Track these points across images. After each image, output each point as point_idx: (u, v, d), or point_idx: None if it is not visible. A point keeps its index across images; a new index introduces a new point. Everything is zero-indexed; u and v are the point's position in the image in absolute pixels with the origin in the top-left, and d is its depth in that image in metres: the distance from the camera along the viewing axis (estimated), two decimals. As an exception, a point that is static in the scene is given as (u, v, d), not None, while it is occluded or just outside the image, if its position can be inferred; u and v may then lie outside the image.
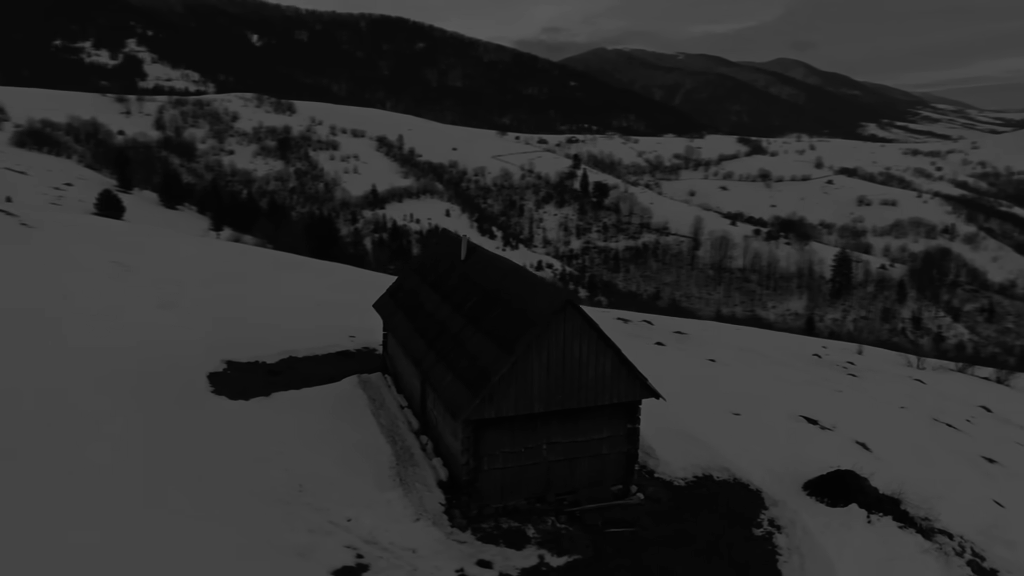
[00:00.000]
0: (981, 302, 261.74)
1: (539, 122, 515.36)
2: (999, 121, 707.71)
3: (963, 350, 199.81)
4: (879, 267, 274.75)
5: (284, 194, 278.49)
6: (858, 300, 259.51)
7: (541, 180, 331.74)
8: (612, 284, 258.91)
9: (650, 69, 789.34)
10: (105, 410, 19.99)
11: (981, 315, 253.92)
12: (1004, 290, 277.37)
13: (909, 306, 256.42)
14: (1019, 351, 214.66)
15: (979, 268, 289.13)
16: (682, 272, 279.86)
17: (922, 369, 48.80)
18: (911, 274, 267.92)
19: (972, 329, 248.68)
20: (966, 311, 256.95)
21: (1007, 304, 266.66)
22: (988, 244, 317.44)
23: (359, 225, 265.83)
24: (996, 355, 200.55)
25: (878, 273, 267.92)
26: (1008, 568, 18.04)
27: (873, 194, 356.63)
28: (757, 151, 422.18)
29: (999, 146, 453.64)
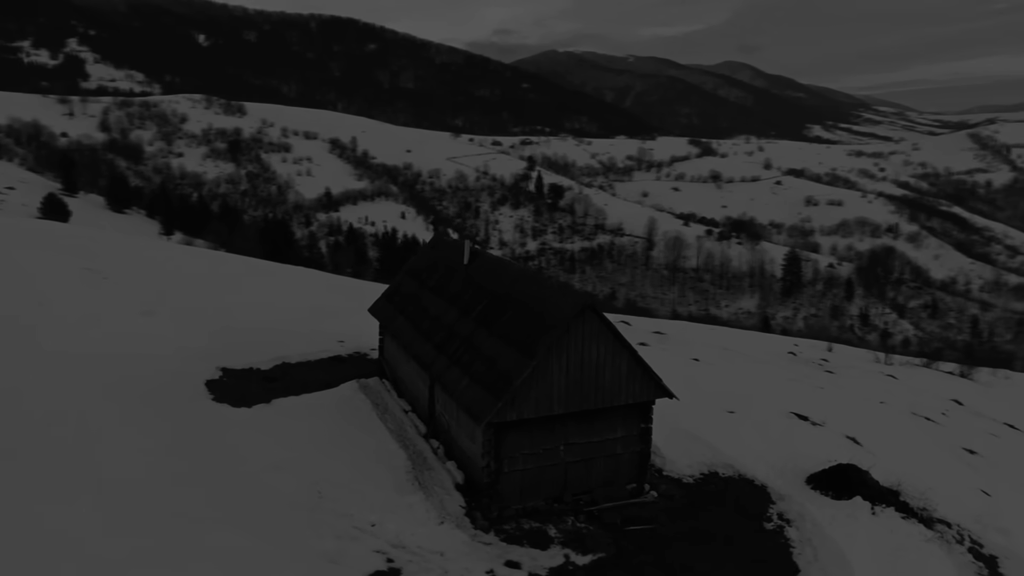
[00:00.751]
0: (925, 299, 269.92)
1: (492, 124, 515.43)
2: (937, 123, 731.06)
3: (908, 345, 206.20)
4: (827, 266, 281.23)
5: (236, 197, 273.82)
6: (808, 298, 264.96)
7: (496, 182, 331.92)
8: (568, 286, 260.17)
9: (601, 71, 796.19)
10: (113, 420, 19.62)
11: (925, 311, 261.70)
12: (946, 287, 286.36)
13: (857, 303, 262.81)
14: (961, 346, 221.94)
15: (922, 266, 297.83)
16: (637, 272, 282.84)
17: (890, 364, 50.44)
18: (858, 272, 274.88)
19: (917, 325, 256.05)
20: (910, 307, 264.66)
21: (949, 300, 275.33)
22: (930, 242, 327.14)
23: (313, 228, 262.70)
24: (940, 350, 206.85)
25: (826, 272, 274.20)
26: (1005, 555, 18.87)
27: (820, 194, 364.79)
28: (707, 152, 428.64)
29: (938, 147, 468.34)
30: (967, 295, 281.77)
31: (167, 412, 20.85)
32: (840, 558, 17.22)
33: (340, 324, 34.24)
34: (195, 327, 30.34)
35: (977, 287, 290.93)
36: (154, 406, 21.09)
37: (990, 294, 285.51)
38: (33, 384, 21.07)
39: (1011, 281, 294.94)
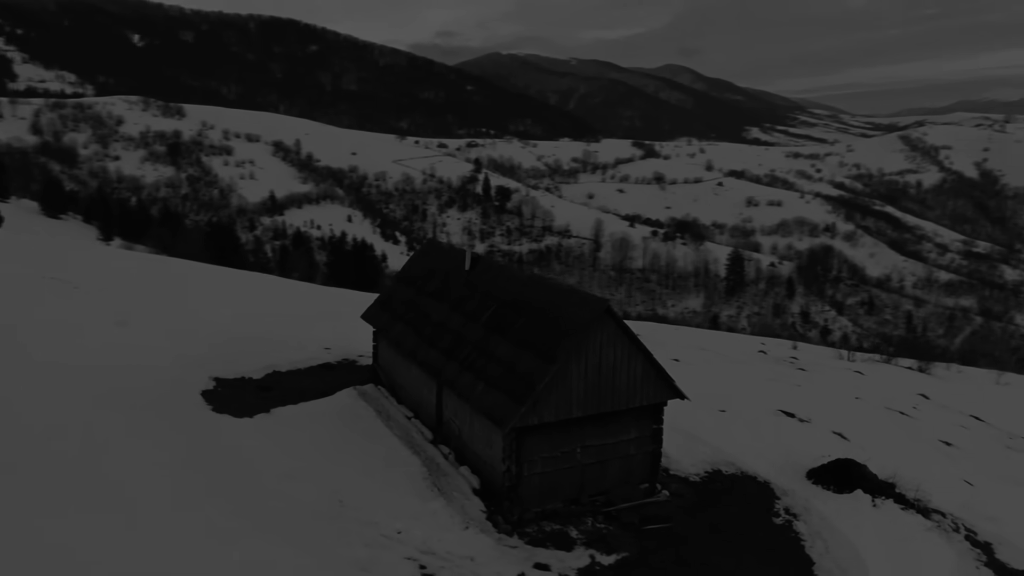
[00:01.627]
0: (861, 296, 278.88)
1: (437, 126, 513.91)
2: (869, 125, 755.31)
3: (847, 341, 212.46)
4: (769, 265, 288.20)
5: (177, 201, 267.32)
6: (751, 297, 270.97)
7: (443, 184, 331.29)
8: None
9: (544, 74, 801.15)
10: (120, 434, 19.17)
11: (862, 308, 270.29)
12: (881, 284, 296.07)
13: (798, 301, 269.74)
14: (897, 341, 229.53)
15: (858, 264, 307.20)
16: (584, 273, 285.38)
17: (852, 361, 52.17)
18: (798, 271, 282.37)
19: (855, 321, 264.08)
20: (848, 304, 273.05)
21: (884, 297, 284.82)
22: (865, 241, 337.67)
23: (258, 232, 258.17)
24: (878, 345, 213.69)
25: (768, 271, 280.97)
26: (998, 541, 19.83)
27: (760, 195, 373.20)
28: (651, 155, 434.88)
29: (871, 149, 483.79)
30: (901, 292, 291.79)
31: (173, 424, 20.48)
32: (851, 549, 17.90)
33: (323, 331, 33.99)
34: (178, 336, 29.76)
35: (910, 284, 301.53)
36: (159, 418, 20.68)
37: (922, 290, 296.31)
38: (29, 396, 20.44)
39: (942, 278, 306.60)
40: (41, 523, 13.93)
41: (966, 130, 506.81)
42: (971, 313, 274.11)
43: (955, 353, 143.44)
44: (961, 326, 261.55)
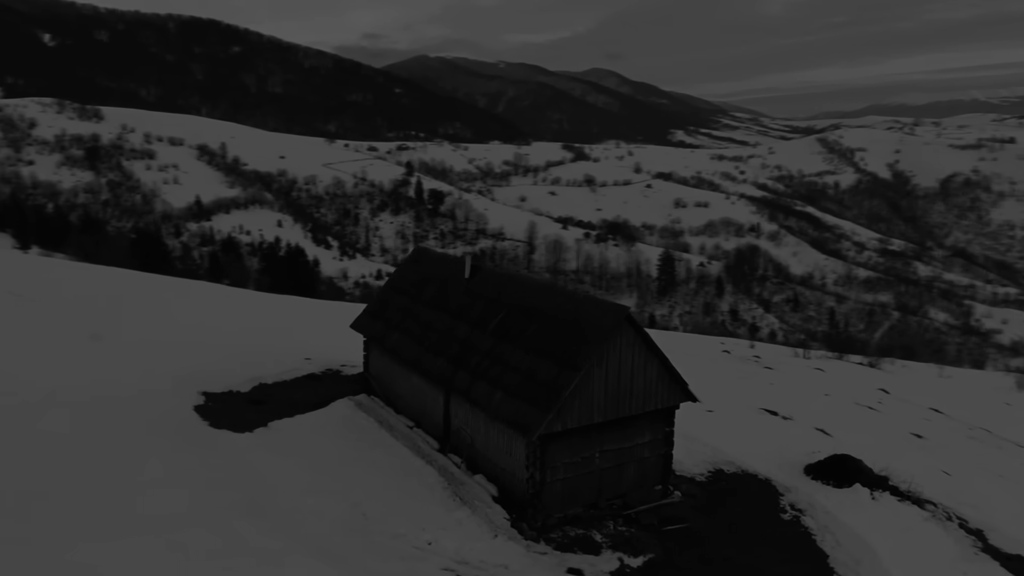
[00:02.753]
0: (787, 293, 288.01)
1: (366, 129, 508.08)
2: (788, 128, 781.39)
3: (775, 338, 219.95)
4: (698, 264, 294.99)
5: (97, 207, 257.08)
6: (682, 296, 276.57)
7: (375, 188, 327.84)
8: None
9: (473, 77, 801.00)
10: (126, 455, 18.54)
11: (787, 305, 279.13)
12: (804, 282, 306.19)
13: (727, 299, 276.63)
14: (821, 336, 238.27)
15: (782, 263, 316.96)
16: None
17: (808, 359, 54.04)
18: (726, 270, 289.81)
19: (781, 318, 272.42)
20: (775, 302, 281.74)
21: (808, 294, 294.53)
22: (788, 240, 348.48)
23: (184, 239, 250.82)
24: (803, 341, 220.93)
25: (698, 270, 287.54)
26: (987, 528, 20.96)
27: (688, 197, 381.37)
28: (581, 157, 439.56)
29: (791, 151, 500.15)
30: (823, 289, 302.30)
31: (178, 443, 19.93)
32: (860, 541, 18.67)
33: (300, 340, 33.44)
34: (154, 349, 28.90)
35: (832, 281, 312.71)
36: (162, 437, 20.09)
37: (843, 287, 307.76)
38: (23, 420, 19.59)
39: (860, 275, 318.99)
40: (83, 549, 13.43)
41: (878, 133, 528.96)
42: (889, 308, 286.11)
43: (875, 347, 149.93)
44: (880, 321, 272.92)
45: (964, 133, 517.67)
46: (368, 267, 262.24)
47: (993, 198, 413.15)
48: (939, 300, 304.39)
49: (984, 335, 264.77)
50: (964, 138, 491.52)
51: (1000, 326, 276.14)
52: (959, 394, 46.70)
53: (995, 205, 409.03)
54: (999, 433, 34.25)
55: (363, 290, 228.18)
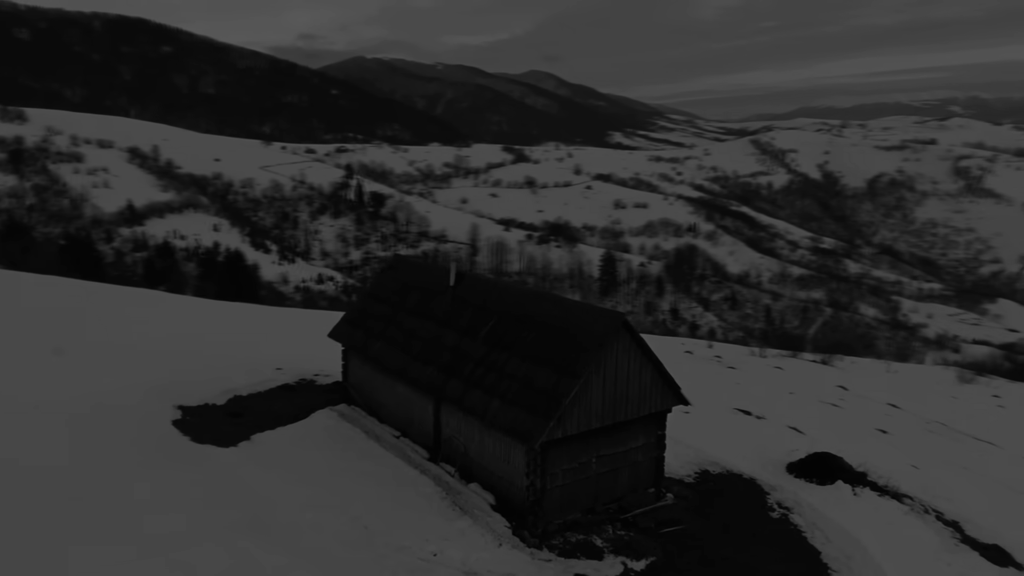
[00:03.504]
0: (725, 292, 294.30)
1: (302, 131, 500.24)
2: (722, 130, 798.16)
3: (714, 335, 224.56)
4: (639, 264, 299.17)
5: (22, 212, 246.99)
6: (624, 296, 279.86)
7: (314, 191, 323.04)
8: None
9: (411, 79, 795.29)
10: (114, 475, 17.92)
11: (726, 303, 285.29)
12: (741, 280, 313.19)
13: (667, 299, 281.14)
14: (759, 333, 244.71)
15: (720, 262, 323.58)
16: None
17: (764, 357, 55.32)
18: (666, 270, 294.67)
19: (720, 316, 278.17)
20: (713, 301, 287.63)
21: (745, 292, 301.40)
22: (725, 240, 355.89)
23: (116, 244, 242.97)
24: (741, 337, 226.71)
25: (639, 270, 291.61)
26: (962, 519, 21.85)
27: (627, 198, 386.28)
28: (521, 159, 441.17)
29: (726, 152, 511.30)
30: (759, 287, 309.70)
31: (164, 459, 19.34)
32: (848, 537, 19.27)
33: (267, 350, 32.79)
34: (121, 362, 27.98)
35: (767, 279, 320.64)
36: (147, 454, 19.48)
37: (778, 285, 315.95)
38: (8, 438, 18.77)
39: (794, 272, 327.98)
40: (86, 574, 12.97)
41: (808, 135, 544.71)
42: (822, 305, 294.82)
43: (810, 342, 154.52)
44: (814, 317, 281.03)
45: (889, 135, 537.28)
46: (309, 271, 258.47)
47: (917, 197, 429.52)
48: (868, 296, 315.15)
49: (911, 329, 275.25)
50: (889, 140, 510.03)
51: (926, 320, 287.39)
52: (908, 389, 48.49)
53: (919, 204, 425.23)
54: (953, 426, 35.75)
55: (304, 295, 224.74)
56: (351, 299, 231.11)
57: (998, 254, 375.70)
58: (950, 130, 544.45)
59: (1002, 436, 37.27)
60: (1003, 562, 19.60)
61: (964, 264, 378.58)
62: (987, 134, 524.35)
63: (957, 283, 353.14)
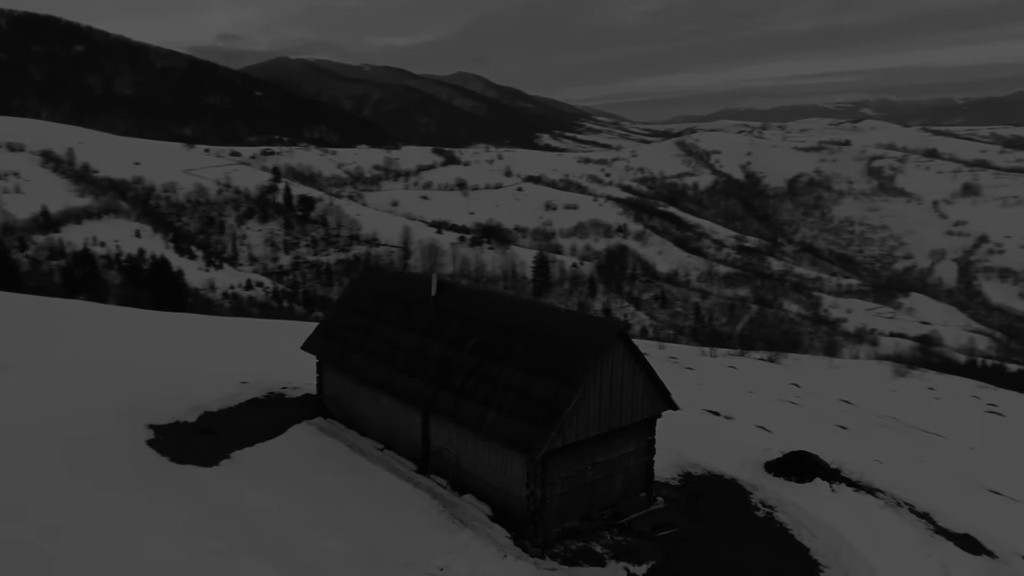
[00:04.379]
0: (655, 291, 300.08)
1: (225, 133, 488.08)
2: (648, 132, 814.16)
3: (646, 334, 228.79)
4: (571, 265, 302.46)
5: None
6: (557, 296, 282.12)
7: (241, 195, 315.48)
8: (328, 299, 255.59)
9: (337, 80, 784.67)
10: (95, 502, 17.16)
11: (656, 302, 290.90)
12: (671, 279, 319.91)
13: (600, 298, 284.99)
14: (688, 331, 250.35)
15: (649, 261, 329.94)
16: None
17: (715, 357, 56.58)
18: (598, 270, 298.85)
19: (651, 315, 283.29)
20: (644, 300, 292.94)
21: (675, 291, 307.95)
22: (653, 240, 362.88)
23: (31, 252, 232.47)
24: (672, 335, 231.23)
25: (571, 271, 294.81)
26: (932, 510, 22.85)
27: (557, 199, 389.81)
28: (452, 161, 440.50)
29: (652, 154, 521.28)
30: (688, 286, 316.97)
31: (145, 482, 18.63)
32: (833, 533, 19.95)
33: (228, 363, 31.94)
34: (81, 381, 26.82)
35: (695, 278, 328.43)
36: (126, 477, 18.73)
37: (706, 283, 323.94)
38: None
39: (721, 271, 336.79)
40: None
41: (731, 136, 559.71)
42: (748, 302, 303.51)
43: (738, 339, 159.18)
44: (741, 314, 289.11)
45: (806, 136, 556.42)
46: (237, 277, 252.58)
47: (834, 196, 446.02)
48: (791, 293, 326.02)
49: (832, 324, 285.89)
50: (806, 141, 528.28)
51: (845, 315, 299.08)
52: (852, 384, 50.39)
53: (836, 203, 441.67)
54: (903, 420, 37.34)
55: (233, 301, 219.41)
56: (282, 305, 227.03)
57: (910, 250, 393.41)
58: (863, 132, 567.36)
59: (945, 428, 39.16)
60: (976, 551, 20.61)
61: (879, 260, 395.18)
62: (897, 135, 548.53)
63: (873, 279, 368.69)
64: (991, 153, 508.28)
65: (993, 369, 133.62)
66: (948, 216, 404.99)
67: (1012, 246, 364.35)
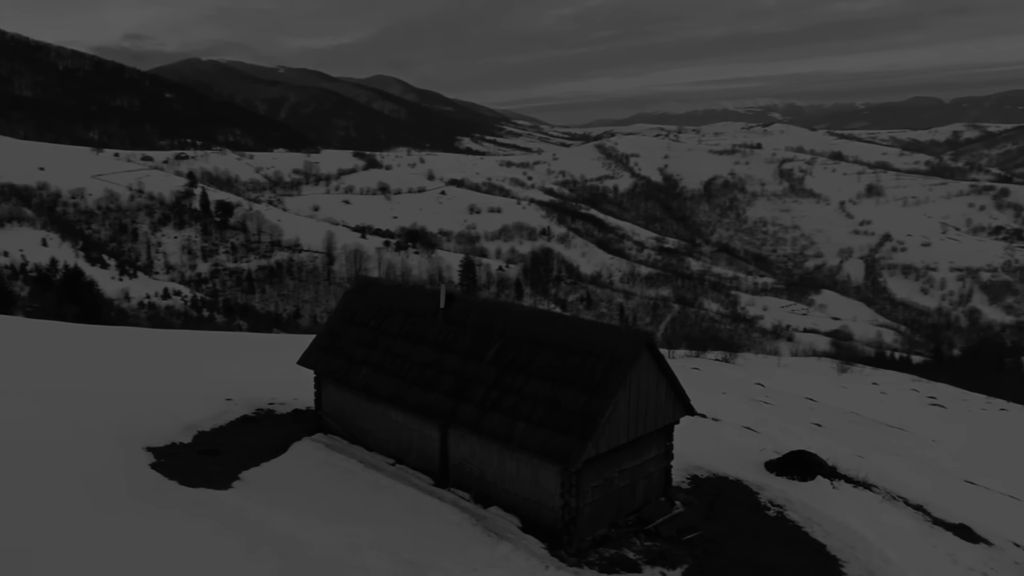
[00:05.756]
0: (580, 292, 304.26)
1: (134, 136, 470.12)
2: (567, 135, 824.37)
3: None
4: (497, 268, 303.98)
5: None
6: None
7: (155, 201, 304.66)
8: (249, 307, 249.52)
9: (251, 82, 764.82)
10: (126, 532, 16.46)
11: (582, 303, 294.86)
12: (595, 280, 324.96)
13: (526, 301, 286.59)
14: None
15: (574, 263, 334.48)
16: (320, 288, 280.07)
17: (673, 359, 57.71)
18: (524, 272, 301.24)
19: (577, 316, 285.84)
20: (570, 301, 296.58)
21: (599, 292, 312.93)
22: (577, 242, 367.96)
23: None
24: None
25: (498, 274, 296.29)
26: (924, 503, 24.04)
27: (481, 203, 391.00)
28: (373, 165, 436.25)
29: (573, 157, 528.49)
30: (612, 287, 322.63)
31: (169, 510, 17.94)
32: (845, 528, 20.79)
33: (207, 380, 30.96)
34: (68, 403, 25.59)
35: (618, 279, 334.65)
36: (149, 505, 17.99)
37: (629, 284, 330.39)
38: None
39: (643, 272, 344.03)
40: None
41: (648, 140, 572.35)
42: (670, 301, 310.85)
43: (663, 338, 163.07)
44: (663, 314, 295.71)
45: (720, 140, 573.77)
46: (153, 286, 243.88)
47: (748, 198, 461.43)
48: (711, 292, 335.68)
49: (750, 321, 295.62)
50: (720, 144, 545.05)
51: (762, 312, 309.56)
52: (805, 381, 52.37)
53: (750, 204, 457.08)
54: (865, 415, 39.05)
55: (150, 312, 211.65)
56: (202, 315, 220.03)
57: (820, 249, 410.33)
58: (773, 135, 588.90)
59: (901, 421, 41.17)
60: (974, 540, 21.84)
61: (792, 259, 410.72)
62: (805, 139, 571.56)
63: (787, 277, 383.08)
64: (891, 155, 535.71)
65: (926, 364, 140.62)
66: (854, 216, 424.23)
67: (913, 244, 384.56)
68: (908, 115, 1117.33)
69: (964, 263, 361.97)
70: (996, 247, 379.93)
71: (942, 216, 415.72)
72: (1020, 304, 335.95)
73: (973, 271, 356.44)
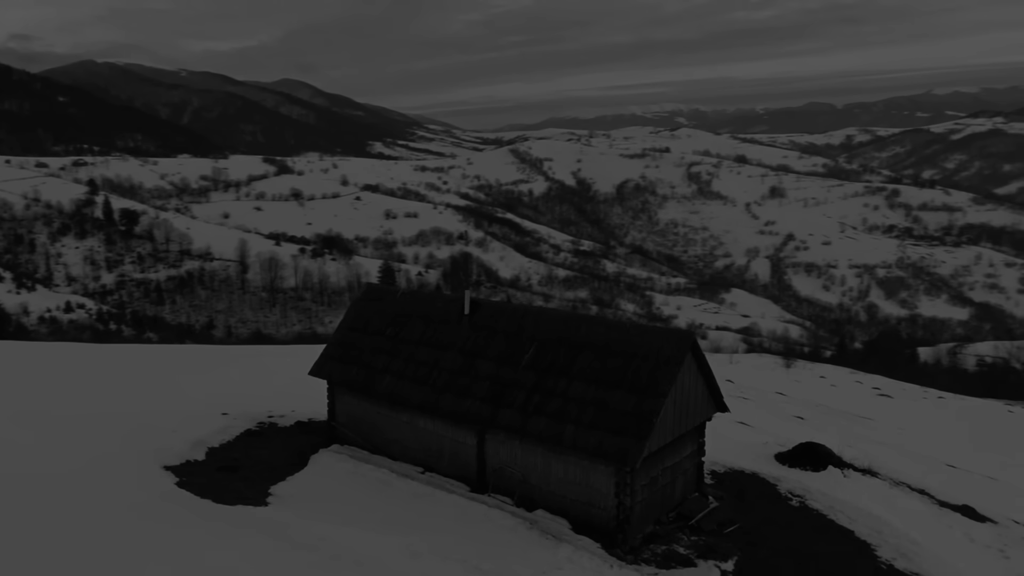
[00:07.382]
0: (500, 296, 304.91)
1: (25, 142, 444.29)
2: (479, 140, 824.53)
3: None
4: (417, 274, 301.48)
5: None
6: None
7: (53, 209, 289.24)
8: (160, 318, 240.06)
9: (151, 85, 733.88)
10: (189, 557, 15.79)
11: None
12: (514, 284, 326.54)
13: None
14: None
15: (492, 267, 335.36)
16: (234, 297, 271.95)
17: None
18: (444, 277, 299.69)
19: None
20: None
21: (519, 295, 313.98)
22: (495, 246, 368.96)
23: None
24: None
25: (418, 279, 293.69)
26: (924, 488, 25.37)
27: (397, 208, 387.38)
28: (284, 171, 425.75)
29: (487, 161, 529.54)
30: (531, 290, 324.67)
31: (218, 531, 17.28)
32: (868, 514, 21.79)
33: (194, 396, 29.84)
34: (49, 421, 24.23)
35: (536, 282, 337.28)
36: (195, 529, 17.29)
37: (547, 287, 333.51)
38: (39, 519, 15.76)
39: (560, 274, 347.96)
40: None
41: (560, 144, 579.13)
42: (588, 303, 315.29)
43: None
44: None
45: (630, 144, 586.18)
46: (54, 299, 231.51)
47: (659, 200, 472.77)
48: (626, 293, 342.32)
49: (666, 321, 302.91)
50: (631, 148, 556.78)
51: (676, 312, 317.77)
52: (762, 377, 54.22)
53: (661, 207, 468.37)
54: (832, 407, 40.80)
55: (51, 326, 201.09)
56: (108, 327, 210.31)
57: (728, 249, 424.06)
58: (680, 139, 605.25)
59: (864, 411, 43.21)
60: (980, 519, 23.25)
61: (702, 259, 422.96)
62: (710, 143, 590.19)
63: (698, 277, 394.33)
64: (791, 159, 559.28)
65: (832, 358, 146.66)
66: (759, 217, 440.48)
67: (814, 243, 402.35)
68: (805, 119, 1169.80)
69: (861, 260, 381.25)
70: (890, 244, 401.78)
71: (840, 216, 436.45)
72: (913, 298, 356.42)
73: (870, 268, 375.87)
